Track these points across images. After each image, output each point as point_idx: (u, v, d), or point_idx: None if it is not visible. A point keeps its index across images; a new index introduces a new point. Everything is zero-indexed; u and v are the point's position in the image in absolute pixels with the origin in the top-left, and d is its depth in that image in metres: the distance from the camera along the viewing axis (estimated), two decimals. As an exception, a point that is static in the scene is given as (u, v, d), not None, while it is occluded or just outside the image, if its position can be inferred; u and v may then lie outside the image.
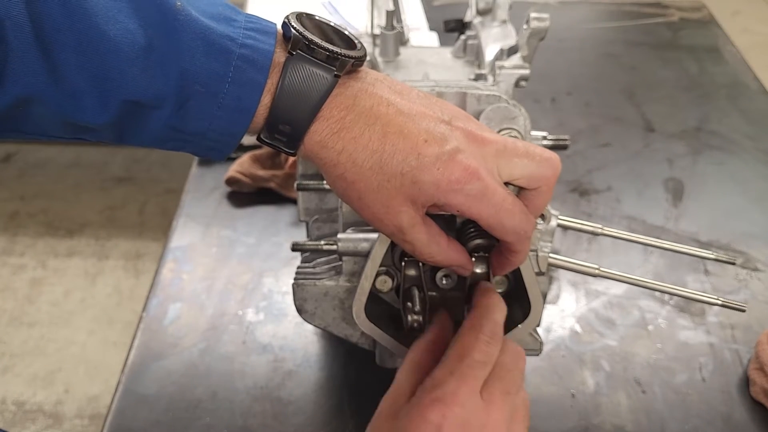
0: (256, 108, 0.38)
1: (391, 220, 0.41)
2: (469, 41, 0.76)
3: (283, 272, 0.79)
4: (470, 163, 0.40)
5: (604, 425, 0.65)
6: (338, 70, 0.39)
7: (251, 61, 0.38)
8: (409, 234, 0.42)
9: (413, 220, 0.41)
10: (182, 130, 0.39)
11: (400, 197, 0.40)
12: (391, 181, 0.39)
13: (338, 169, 0.40)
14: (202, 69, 0.37)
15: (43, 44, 0.35)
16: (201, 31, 0.37)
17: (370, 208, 0.41)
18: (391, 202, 0.40)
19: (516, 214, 0.41)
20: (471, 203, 0.40)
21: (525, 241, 0.43)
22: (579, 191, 0.92)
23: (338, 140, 0.39)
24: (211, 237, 0.84)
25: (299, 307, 0.55)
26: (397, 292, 0.52)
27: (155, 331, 0.72)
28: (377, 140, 0.39)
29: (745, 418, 0.65)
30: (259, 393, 0.67)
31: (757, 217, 0.89)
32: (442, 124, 0.41)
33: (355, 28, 1.09)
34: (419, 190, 0.40)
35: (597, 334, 0.73)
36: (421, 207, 0.41)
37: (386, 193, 0.40)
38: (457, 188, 0.39)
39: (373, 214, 0.41)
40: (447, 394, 0.40)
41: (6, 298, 1.87)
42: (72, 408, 1.61)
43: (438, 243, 0.43)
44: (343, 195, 0.42)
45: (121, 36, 0.36)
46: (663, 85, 1.15)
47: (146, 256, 1.97)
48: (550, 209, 0.50)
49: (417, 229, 0.42)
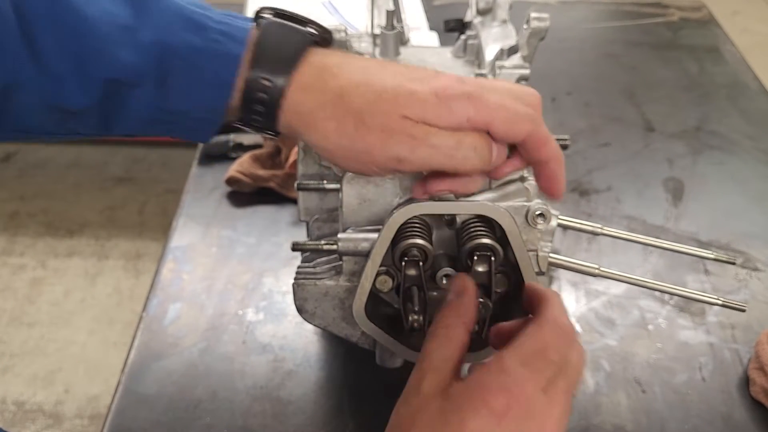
0: (234, 79, 0.39)
1: (402, 129, 0.40)
2: (470, 41, 0.76)
3: (283, 272, 0.79)
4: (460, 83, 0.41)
5: (604, 425, 0.65)
6: (310, 34, 0.40)
7: (228, 35, 0.39)
8: (431, 135, 0.41)
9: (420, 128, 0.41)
10: (165, 108, 0.39)
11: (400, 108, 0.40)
12: (385, 94, 0.40)
13: (326, 108, 0.40)
14: (180, 42, 0.38)
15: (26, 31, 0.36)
16: (178, 8, 0.38)
17: (373, 127, 0.40)
18: (393, 111, 0.40)
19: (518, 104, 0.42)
20: (474, 107, 0.40)
21: (542, 125, 0.44)
22: (579, 191, 0.92)
23: (320, 80, 0.40)
24: (211, 237, 0.84)
25: (299, 307, 0.55)
26: (397, 292, 0.52)
27: (155, 331, 0.72)
28: (359, 72, 0.40)
29: (745, 418, 0.65)
30: (259, 393, 0.67)
31: (757, 217, 0.89)
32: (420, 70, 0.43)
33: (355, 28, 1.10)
34: (418, 101, 0.40)
35: (597, 334, 0.73)
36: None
37: (384, 105, 0.40)
38: (454, 94, 0.40)
39: (380, 132, 0.40)
40: (516, 385, 0.38)
41: (6, 298, 1.87)
42: (72, 408, 1.61)
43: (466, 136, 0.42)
44: (337, 135, 0.41)
45: (100, 15, 0.37)
46: (663, 85, 1.15)
47: (146, 256, 1.97)
48: (550, 209, 0.50)
49: (434, 130, 0.41)
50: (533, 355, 0.40)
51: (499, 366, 0.39)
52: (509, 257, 0.50)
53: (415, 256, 0.48)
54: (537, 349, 0.40)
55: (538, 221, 0.49)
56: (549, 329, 0.42)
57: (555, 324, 0.42)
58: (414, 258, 0.48)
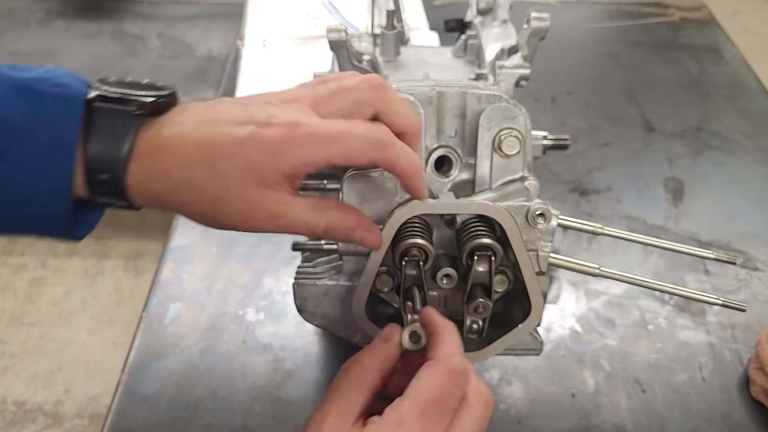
0: (73, 146, 0.37)
1: (260, 212, 0.40)
2: (470, 41, 0.76)
3: (284, 272, 0.79)
4: (286, 118, 0.39)
5: (604, 425, 0.65)
6: (138, 109, 0.38)
7: (63, 99, 0.37)
8: (288, 214, 0.40)
9: (282, 199, 0.40)
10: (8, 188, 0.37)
11: (249, 188, 0.39)
12: (229, 178, 0.38)
13: (177, 195, 0.39)
14: (14, 111, 0.37)
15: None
16: (11, 79, 0.37)
17: (232, 213, 0.40)
18: (245, 196, 0.39)
19: (359, 131, 0.40)
20: (310, 151, 0.39)
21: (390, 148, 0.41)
22: (579, 191, 0.92)
23: (160, 168, 0.38)
24: (211, 237, 0.84)
25: (300, 307, 0.55)
26: (397, 291, 0.52)
27: (155, 331, 0.72)
28: (195, 150, 0.38)
29: (745, 418, 0.65)
30: (259, 393, 0.67)
31: (757, 217, 0.89)
32: (250, 106, 0.40)
33: (356, 27, 1.10)
34: (258, 169, 0.39)
35: (597, 334, 0.73)
36: (278, 185, 0.40)
37: (234, 191, 0.39)
38: (287, 146, 0.38)
39: (240, 217, 0.40)
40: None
41: (6, 297, 1.87)
42: (72, 408, 1.61)
43: (328, 209, 0.42)
44: (201, 218, 0.41)
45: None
46: (663, 85, 1.15)
47: (146, 256, 1.96)
48: (550, 209, 0.50)
49: (292, 205, 0.40)
50: (431, 405, 0.39)
51: (398, 419, 0.39)
52: (509, 257, 0.50)
53: (415, 256, 0.48)
54: (433, 399, 0.39)
55: (538, 221, 0.49)
56: (442, 373, 0.40)
57: (447, 366, 0.41)
58: (414, 258, 0.48)
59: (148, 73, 1.50)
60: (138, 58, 1.55)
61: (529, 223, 0.50)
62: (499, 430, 0.64)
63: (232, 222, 0.40)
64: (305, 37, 1.21)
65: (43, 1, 1.74)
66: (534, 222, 0.50)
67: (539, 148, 0.65)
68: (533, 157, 0.60)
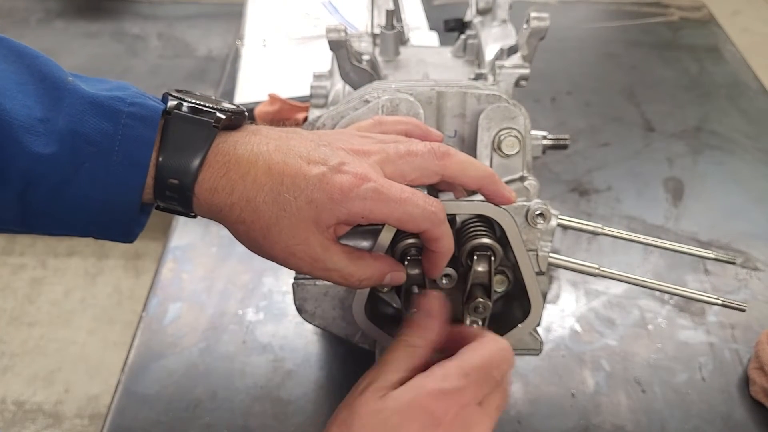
0: (147, 163, 0.39)
1: (303, 250, 0.41)
2: (469, 41, 0.76)
3: (283, 272, 0.79)
4: (357, 169, 0.41)
5: (604, 425, 0.65)
6: (216, 123, 0.40)
7: (140, 118, 0.39)
8: (327, 260, 0.42)
9: (324, 244, 0.42)
10: (81, 198, 0.39)
11: (302, 224, 0.40)
12: (288, 209, 0.40)
13: (234, 210, 0.40)
14: (91, 129, 0.38)
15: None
16: (89, 96, 0.39)
17: (277, 243, 0.41)
18: (295, 231, 0.41)
19: (419, 201, 0.42)
20: (371, 206, 0.41)
21: (440, 224, 0.43)
22: (579, 191, 0.92)
23: (227, 182, 0.40)
24: (211, 237, 0.84)
25: (299, 307, 0.54)
26: (397, 291, 0.52)
27: (155, 330, 0.72)
28: (263, 174, 0.40)
29: (745, 418, 0.65)
30: (259, 393, 0.67)
31: (757, 217, 0.89)
32: (323, 146, 0.42)
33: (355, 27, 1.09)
34: (317, 209, 0.40)
35: (597, 334, 0.73)
36: (327, 228, 0.41)
37: (287, 222, 0.40)
38: (352, 195, 0.40)
39: (283, 250, 0.41)
40: (455, 393, 0.40)
41: (6, 297, 1.87)
42: (72, 408, 1.61)
43: (362, 259, 0.44)
44: (248, 240, 0.42)
45: (18, 109, 0.37)
46: (663, 85, 1.15)
47: (146, 256, 1.96)
48: (549, 209, 0.50)
49: (332, 251, 0.42)
50: (476, 369, 0.41)
51: (444, 374, 0.41)
52: (509, 257, 0.50)
53: (415, 256, 0.48)
54: (480, 365, 0.42)
55: (538, 221, 0.49)
56: (493, 346, 0.43)
57: (498, 343, 0.44)
58: (414, 258, 0.48)
59: (148, 73, 1.50)
60: (138, 58, 1.55)
61: (529, 223, 0.50)
62: (499, 430, 0.64)
63: (274, 252, 0.42)
64: (305, 37, 1.21)
65: (43, 1, 1.74)
66: (534, 222, 0.50)
67: (539, 148, 0.65)
68: (533, 157, 0.60)
